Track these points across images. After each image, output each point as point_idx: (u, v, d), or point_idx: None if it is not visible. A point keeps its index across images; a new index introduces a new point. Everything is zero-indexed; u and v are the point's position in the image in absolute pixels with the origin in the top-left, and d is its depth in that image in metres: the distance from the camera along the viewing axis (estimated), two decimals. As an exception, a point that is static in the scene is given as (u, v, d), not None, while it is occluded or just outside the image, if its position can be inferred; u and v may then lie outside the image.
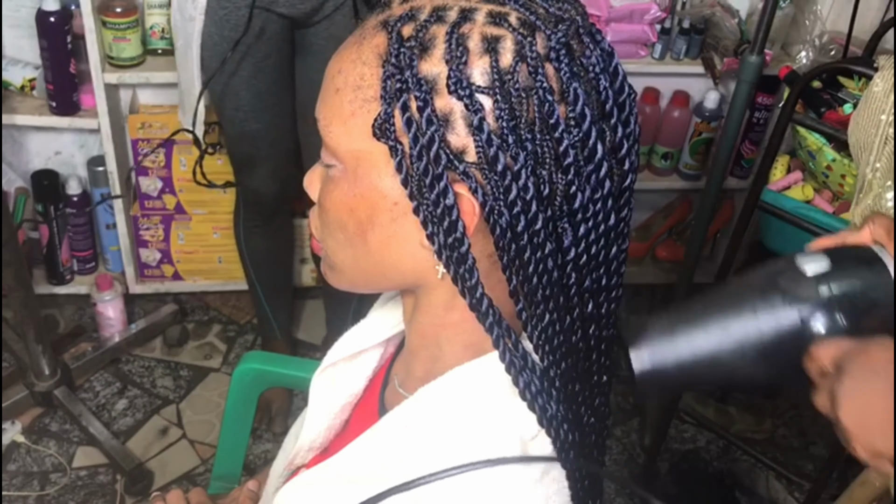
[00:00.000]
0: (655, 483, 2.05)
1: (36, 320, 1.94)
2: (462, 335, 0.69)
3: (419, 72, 0.60)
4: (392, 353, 0.84)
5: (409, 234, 0.64)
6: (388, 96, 0.60)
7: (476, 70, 0.59)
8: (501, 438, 0.65)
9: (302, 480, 0.76)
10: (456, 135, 0.60)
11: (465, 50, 0.59)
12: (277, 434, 2.06)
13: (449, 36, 0.60)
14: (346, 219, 0.66)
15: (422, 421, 0.68)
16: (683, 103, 2.29)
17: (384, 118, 0.61)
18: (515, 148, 0.59)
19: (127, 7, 1.93)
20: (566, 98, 0.59)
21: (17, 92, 2.04)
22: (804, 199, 1.87)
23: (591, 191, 0.61)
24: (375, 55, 0.62)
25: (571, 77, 0.60)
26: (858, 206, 1.43)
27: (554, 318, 0.64)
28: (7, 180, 2.22)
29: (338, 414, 0.84)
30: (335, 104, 0.64)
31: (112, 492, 1.93)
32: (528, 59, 0.59)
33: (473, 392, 0.68)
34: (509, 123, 0.59)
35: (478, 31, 0.60)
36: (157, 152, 2.12)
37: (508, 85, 0.59)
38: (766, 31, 1.77)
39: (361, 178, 0.64)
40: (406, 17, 0.61)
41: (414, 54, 0.60)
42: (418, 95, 0.59)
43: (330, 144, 0.65)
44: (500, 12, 0.61)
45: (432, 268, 0.65)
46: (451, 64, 0.59)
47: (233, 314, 2.38)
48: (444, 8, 0.61)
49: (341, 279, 0.71)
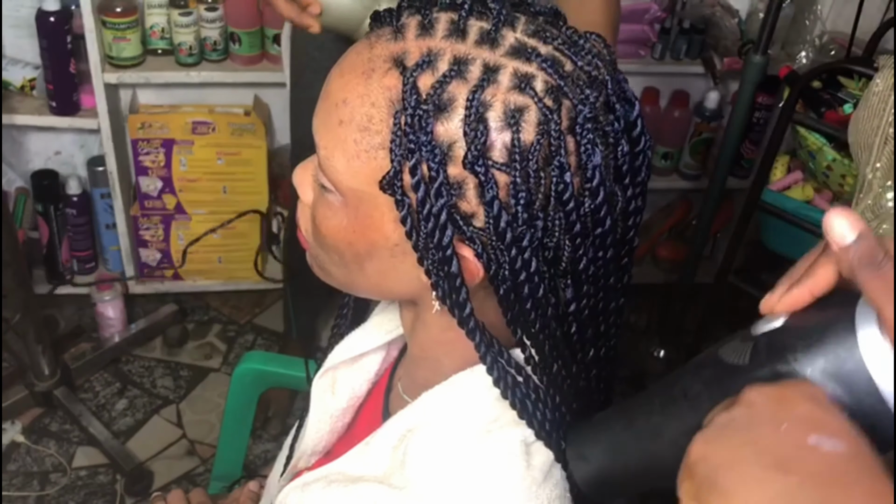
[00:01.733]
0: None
1: (36, 320, 1.94)
2: (461, 351, 0.68)
3: (434, 137, 0.56)
4: (396, 357, 0.84)
5: (408, 270, 0.63)
6: (398, 153, 0.57)
7: (496, 144, 0.56)
8: (504, 442, 0.65)
9: (303, 481, 0.75)
10: (466, 202, 0.58)
11: (486, 125, 0.56)
12: (273, 436, 2.05)
13: (470, 103, 0.56)
14: (343, 248, 0.64)
15: (425, 424, 0.68)
16: (683, 103, 2.29)
17: (393, 175, 0.58)
18: (526, 224, 0.57)
19: (127, 7, 1.93)
20: (584, 171, 0.58)
21: (17, 92, 2.04)
22: (804, 199, 1.87)
23: (594, 252, 0.61)
24: (386, 99, 0.58)
25: (592, 151, 0.57)
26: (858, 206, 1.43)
27: (559, 364, 0.64)
28: (7, 180, 2.22)
29: (339, 417, 0.83)
30: (339, 137, 0.60)
31: (112, 492, 1.93)
32: (552, 135, 0.56)
33: (476, 396, 0.67)
34: (523, 200, 0.57)
35: (501, 98, 0.56)
36: (157, 152, 2.12)
37: (528, 164, 0.56)
38: (770, 31, 1.77)
39: (362, 217, 0.62)
40: (424, 63, 0.57)
41: (430, 117, 0.56)
42: (431, 165, 0.56)
43: (330, 176, 0.62)
44: (525, 74, 0.57)
45: (429, 297, 0.64)
46: (469, 138, 0.56)
47: (233, 314, 2.38)
48: (466, 61, 0.57)
49: (331, 283, 0.71)
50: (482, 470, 0.64)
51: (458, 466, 0.65)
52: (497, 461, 0.65)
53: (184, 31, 1.99)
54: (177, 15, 1.98)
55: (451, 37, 0.58)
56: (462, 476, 0.65)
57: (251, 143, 2.14)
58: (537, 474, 0.65)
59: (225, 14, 2.02)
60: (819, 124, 1.74)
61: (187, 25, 1.99)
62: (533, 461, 0.66)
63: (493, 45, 0.57)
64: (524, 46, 0.58)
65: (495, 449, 0.65)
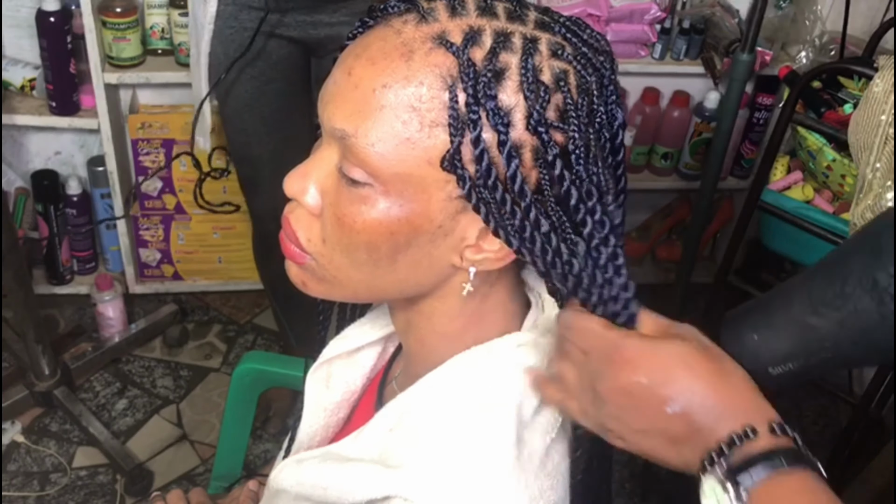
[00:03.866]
0: (655, 483, 2.05)
1: (36, 320, 1.94)
2: (463, 343, 0.69)
3: (498, 103, 0.59)
4: (392, 353, 0.84)
5: (443, 254, 0.64)
6: (458, 125, 0.58)
7: (549, 106, 0.59)
8: (498, 424, 0.65)
9: (298, 458, 0.75)
10: (523, 166, 0.60)
11: (543, 85, 0.59)
12: (273, 434, 2.05)
13: (524, 69, 0.59)
14: (380, 241, 0.62)
15: (420, 407, 0.68)
16: (683, 103, 2.29)
17: (455, 150, 0.59)
18: (588, 182, 0.60)
19: (127, 7, 1.93)
20: (612, 127, 0.62)
21: (17, 92, 2.04)
22: (804, 199, 1.87)
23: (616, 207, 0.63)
24: (436, 76, 0.59)
25: (615, 109, 0.62)
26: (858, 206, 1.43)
27: None
28: (7, 180, 2.22)
29: (333, 411, 0.83)
30: (383, 122, 0.59)
31: (112, 492, 1.93)
32: (594, 94, 0.61)
33: (470, 378, 0.68)
34: (583, 156, 0.60)
35: (546, 64, 0.60)
36: (157, 152, 2.12)
37: (579, 122, 0.60)
38: (756, 29, 1.77)
39: (408, 201, 0.61)
40: (470, 39, 0.59)
41: (493, 84, 0.58)
42: (501, 129, 0.58)
43: (371, 164, 0.60)
44: (557, 42, 0.61)
45: (456, 283, 0.66)
46: (530, 100, 0.59)
47: (233, 314, 2.38)
48: (507, 34, 0.60)
49: (333, 292, 0.68)
50: (475, 452, 0.64)
51: (451, 448, 0.65)
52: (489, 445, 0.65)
53: (184, 31, 1.99)
54: (177, 15, 1.98)
55: (485, 15, 0.61)
56: (455, 458, 0.65)
57: (251, 143, 2.14)
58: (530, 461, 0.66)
59: (225, 14, 2.02)
60: (819, 124, 1.74)
61: (187, 25, 1.99)
62: (525, 448, 0.66)
63: (523, 21, 0.61)
64: (545, 21, 0.62)
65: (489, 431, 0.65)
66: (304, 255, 0.66)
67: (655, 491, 2.04)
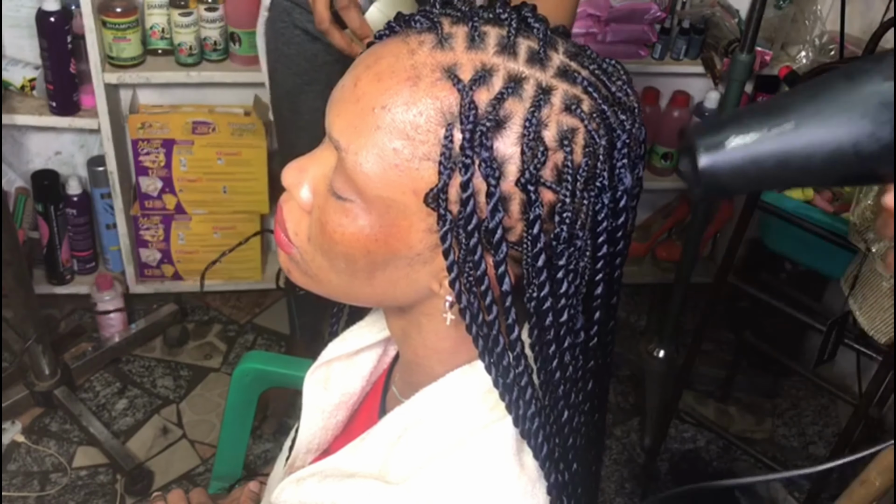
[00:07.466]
0: (655, 483, 2.05)
1: (36, 320, 1.94)
2: (456, 358, 0.69)
3: (493, 153, 0.57)
4: (393, 357, 0.84)
5: (422, 278, 0.63)
6: (449, 165, 0.57)
7: (548, 164, 0.57)
8: (498, 440, 0.65)
9: (298, 476, 0.75)
10: (508, 217, 0.58)
11: (543, 143, 0.57)
12: (272, 434, 2.05)
13: (529, 122, 0.56)
14: (358, 256, 0.62)
15: (421, 422, 0.68)
16: (683, 103, 2.29)
17: (440, 188, 0.57)
18: (566, 243, 0.59)
19: (127, 7, 1.93)
20: (614, 193, 0.59)
21: (17, 92, 2.05)
22: (804, 198, 1.87)
23: (607, 275, 0.62)
24: (436, 110, 0.57)
25: (623, 174, 0.59)
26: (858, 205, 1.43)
27: (560, 375, 0.64)
28: (7, 180, 2.22)
29: (332, 413, 0.83)
30: (374, 143, 0.58)
31: (112, 492, 1.93)
32: (599, 157, 0.58)
33: (470, 394, 0.67)
34: (568, 220, 0.58)
35: (554, 119, 0.57)
36: (157, 152, 2.12)
37: (575, 185, 0.58)
38: (755, 29, 1.77)
39: (388, 225, 0.60)
40: (479, 79, 0.57)
41: (491, 133, 0.56)
42: (491, 181, 0.56)
43: (357, 182, 0.59)
44: (574, 96, 0.58)
45: (435, 305, 0.64)
46: (527, 157, 0.56)
47: (233, 314, 2.38)
48: (521, 79, 0.57)
49: (315, 288, 0.68)
50: (477, 468, 0.65)
51: (453, 464, 0.65)
52: (492, 460, 0.65)
53: (184, 31, 2.00)
54: (177, 15, 1.98)
55: (503, 53, 0.58)
56: (457, 474, 0.65)
57: (251, 144, 2.15)
58: (532, 473, 0.66)
59: (225, 14, 2.02)
60: (819, 124, 1.74)
61: (187, 25, 1.99)
62: (527, 460, 0.66)
63: (542, 66, 0.58)
64: (569, 69, 0.59)
65: (490, 448, 0.65)
66: (290, 246, 0.67)
67: (655, 491, 2.04)
